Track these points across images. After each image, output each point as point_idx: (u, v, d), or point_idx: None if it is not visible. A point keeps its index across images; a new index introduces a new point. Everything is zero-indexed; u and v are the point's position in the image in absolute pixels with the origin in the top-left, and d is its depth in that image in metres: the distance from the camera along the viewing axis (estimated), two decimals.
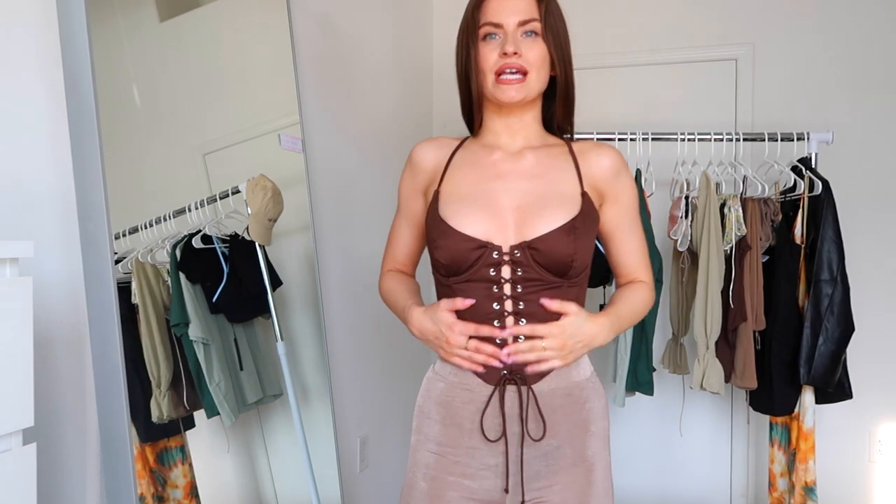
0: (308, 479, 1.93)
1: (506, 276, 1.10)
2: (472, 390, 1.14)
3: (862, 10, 2.64)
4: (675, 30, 2.85)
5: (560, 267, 1.10)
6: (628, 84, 2.92)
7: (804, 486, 2.24)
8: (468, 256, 1.11)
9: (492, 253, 1.10)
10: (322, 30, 2.23)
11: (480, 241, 1.11)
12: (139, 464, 1.45)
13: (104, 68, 1.34)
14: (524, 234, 1.11)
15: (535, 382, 1.13)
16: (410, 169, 1.26)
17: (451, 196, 1.16)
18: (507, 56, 1.11)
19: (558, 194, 1.14)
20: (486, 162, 1.19)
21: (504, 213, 1.12)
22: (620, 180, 1.20)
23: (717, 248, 2.21)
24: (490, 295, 1.11)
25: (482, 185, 1.16)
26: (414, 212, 1.27)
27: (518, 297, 1.11)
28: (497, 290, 1.11)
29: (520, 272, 1.10)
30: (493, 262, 1.10)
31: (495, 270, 1.10)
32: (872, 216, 2.61)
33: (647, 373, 2.30)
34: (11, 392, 0.98)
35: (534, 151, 1.19)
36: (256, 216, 1.80)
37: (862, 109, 2.63)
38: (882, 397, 2.61)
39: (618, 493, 2.98)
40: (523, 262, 1.10)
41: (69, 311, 1.34)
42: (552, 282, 1.11)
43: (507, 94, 1.13)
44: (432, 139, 1.27)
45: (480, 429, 1.12)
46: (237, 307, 1.80)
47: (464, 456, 1.15)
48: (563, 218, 1.11)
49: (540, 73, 1.15)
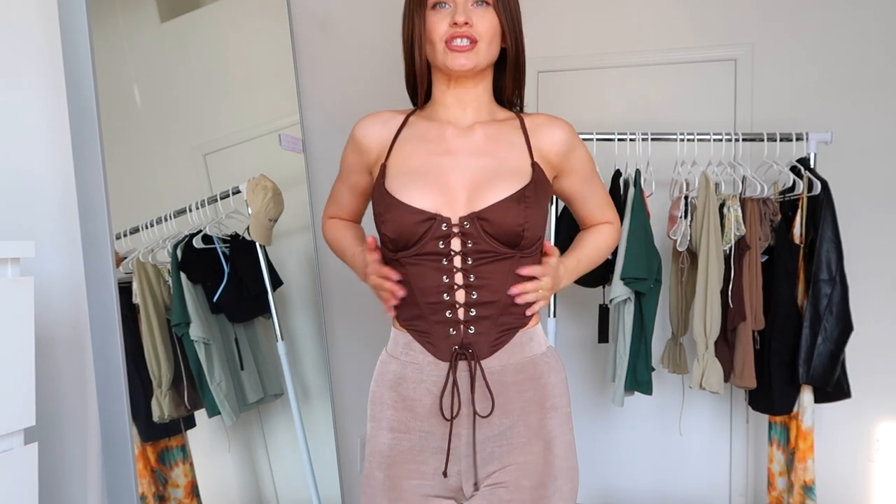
0: (308, 478, 1.93)
1: (456, 248, 1.08)
2: (422, 369, 1.11)
3: (861, 11, 2.64)
4: (675, 30, 2.85)
5: (511, 237, 1.08)
6: (628, 84, 2.92)
7: (803, 486, 2.25)
8: (416, 229, 1.08)
9: (440, 225, 1.07)
10: (322, 30, 2.23)
11: (429, 213, 1.08)
12: (140, 463, 1.45)
13: (105, 68, 1.35)
14: (473, 206, 1.08)
15: (486, 357, 1.10)
16: (353, 146, 1.23)
17: (399, 170, 1.13)
18: (457, 26, 1.09)
19: (508, 168, 1.12)
20: (436, 137, 1.16)
21: (454, 189, 1.10)
22: (575, 153, 1.20)
23: (717, 248, 2.21)
24: (440, 268, 1.08)
25: (431, 159, 1.13)
26: (356, 183, 1.26)
27: (469, 269, 1.08)
28: (447, 263, 1.08)
29: (470, 244, 1.07)
30: (442, 234, 1.07)
31: (444, 243, 1.08)
32: (871, 216, 2.61)
33: (646, 372, 2.31)
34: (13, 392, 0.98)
35: (484, 127, 1.16)
36: (257, 216, 1.80)
37: (861, 109, 2.63)
38: (881, 397, 2.62)
39: (617, 492, 2.99)
40: (473, 234, 1.07)
41: (70, 311, 1.34)
42: (504, 253, 1.09)
43: (458, 62, 1.10)
44: (376, 114, 1.23)
45: (440, 406, 1.09)
46: (238, 307, 1.81)
47: (417, 440, 1.11)
48: (514, 188, 1.09)
49: (490, 45, 1.12)
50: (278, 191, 1.87)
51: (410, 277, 1.10)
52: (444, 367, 1.10)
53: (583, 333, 2.97)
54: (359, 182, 1.25)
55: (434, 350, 1.11)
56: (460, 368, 1.09)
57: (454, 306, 1.09)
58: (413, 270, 1.10)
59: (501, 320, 1.11)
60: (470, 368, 1.09)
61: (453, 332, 1.10)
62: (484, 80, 1.17)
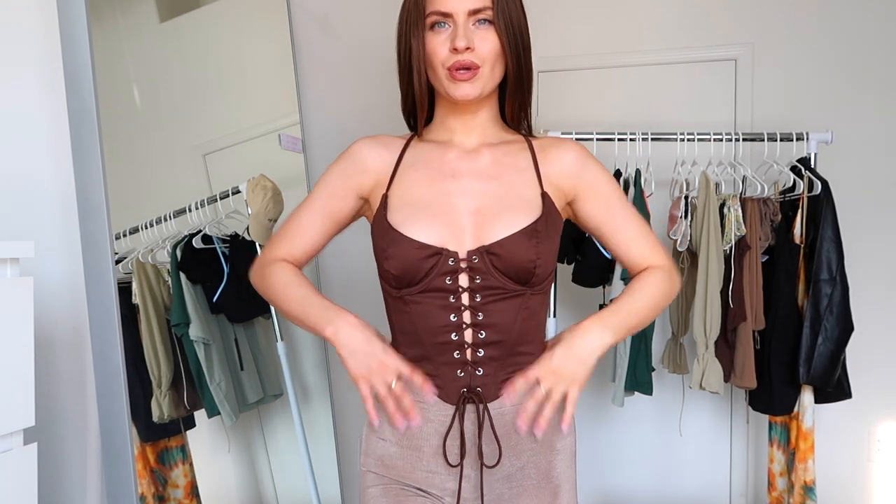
0: (308, 479, 1.93)
1: (463, 284, 1.01)
2: (429, 409, 1.04)
3: (862, 10, 2.64)
4: (675, 30, 2.85)
5: (522, 273, 1.01)
6: (628, 84, 2.92)
7: (803, 486, 2.25)
8: (421, 266, 1.00)
9: (447, 260, 1.00)
10: (322, 30, 2.23)
11: (435, 247, 1.01)
12: (140, 463, 1.45)
13: (104, 68, 1.34)
14: (482, 239, 1.01)
15: (494, 400, 1.03)
16: (350, 165, 1.12)
17: (402, 200, 1.06)
18: (457, 52, 1.01)
19: (518, 196, 1.05)
20: (440, 161, 1.09)
21: (460, 217, 1.03)
22: (589, 172, 1.11)
23: (717, 248, 2.21)
24: (447, 306, 1.01)
25: (435, 186, 1.06)
26: (336, 209, 1.12)
27: (477, 307, 1.01)
28: (454, 301, 1.01)
29: (478, 280, 1.01)
30: (449, 269, 1.01)
31: (452, 279, 1.01)
32: (872, 216, 2.61)
33: (646, 372, 2.31)
34: (12, 392, 0.98)
35: (491, 149, 1.10)
36: (257, 216, 1.80)
37: (861, 109, 2.63)
38: (881, 397, 2.61)
39: (617, 492, 2.99)
40: (482, 269, 1.01)
41: (70, 311, 1.34)
42: (514, 290, 1.02)
43: (462, 91, 1.03)
44: (376, 137, 1.15)
45: (443, 452, 1.02)
46: (237, 307, 1.80)
47: (423, 482, 1.05)
48: (524, 221, 1.02)
49: (495, 67, 1.05)
50: (278, 191, 1.87)
51: (415, 316, 1.03)
52: (450, 409, 1.03)
53: None
54: (341, 209, 1.12)
55: (441, 392, 1.03)
56: (468, 411, 1.03)
57: (462, 346, 1.02)
58: (418, 309, 1.02)
59: (510, 361, 1.03)
60: (478, 412, 1.02)
61: (461, 374, 1.02)
62: (489, 102, 1.11)
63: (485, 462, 1.02)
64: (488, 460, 1.03)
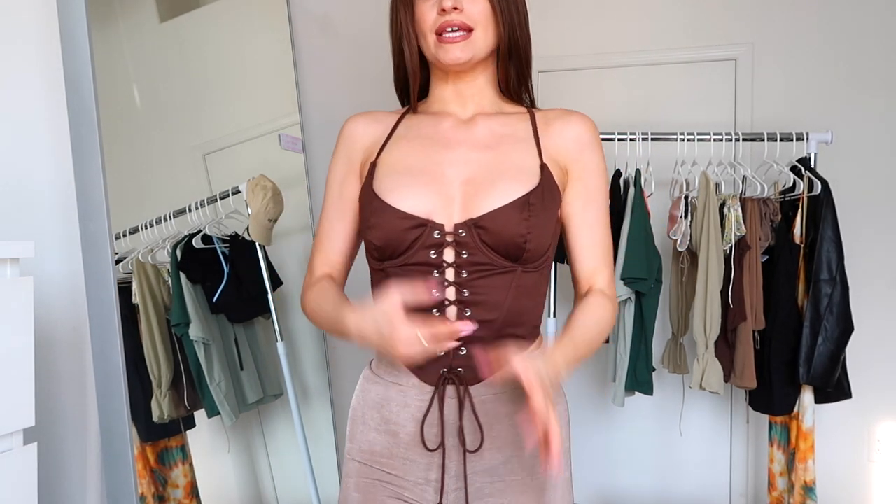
0: (308, 479, 1.93)
1: (448, 259, 0.94)
2: (406, 393, 0.98)
3: (862, 10, 2.64)
4: (675, 30, 2.85)
5: (511, 249, 0.94)
6: (628, 84, 2.92)
7: (803, 486, 2.25)
8: (405, 237, 0.94)
9: (433, 232, 0.94)
10: (322, 30, 2.23)
11: (420, 218, 0.94)
12: (140, 463, 1.45)
13: (104, 68, 1.34)
14: (471, 211, 0.95)
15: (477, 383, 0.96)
16: (347, 147, 1.08)
17: (390, 168, 1.00)
18: (445, 13, 0.96)
19: (513, 166, 0.98)
20: (433, 130, 1.03)
21: (450, 187, 0.96)
22: (588, 158, 1.03)
23: (717, 248, 2.21)
24: (432, 282, 0.94)
25: (427, 155, 1.00)
26: (349, 198, 1.07)
27: (463, 283, 0.94)
28: (438, 276, 0.94)
29: (465, 255, 0.94)
30: (434, 243, 0.94)
31: (436, 253, 0.94)
32: (872, 216, 2.61)
33: (646, 372, 2.31)
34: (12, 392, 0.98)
35: (487, 119, 1.04)
36: (256, 216, 1.80)
37: (861, 109, 2.63)
38: (881, 397, 2.61)
39: (617, 492, 2.98)
40: (469, 244, 0.94)
41: (70, 311, 1.34)
42: (503, 266, 0.95)
43: (452, 55, 0.98)
44: (368, 112, 1.11)
45: (421, 436, 0.96)
46: (237, 307, 1.80)
47: (400, 469, 0.98)
48: (517, 192, 0.95)
49: (487, 30, 0.99)
50: (278, 191, 1.87)
51: None
52: (429, 391, 0.97)
53: None
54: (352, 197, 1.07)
55: (420, 372, 0.97)
56: (448, 394, 0.96)
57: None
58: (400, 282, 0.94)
59: (500, 343, 0.94)
60: (459, 395, 0.95)
61: (442, 354, 0.95)
62: (485, 70, 1.05)
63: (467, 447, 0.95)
64: (470, 446, 0.95)
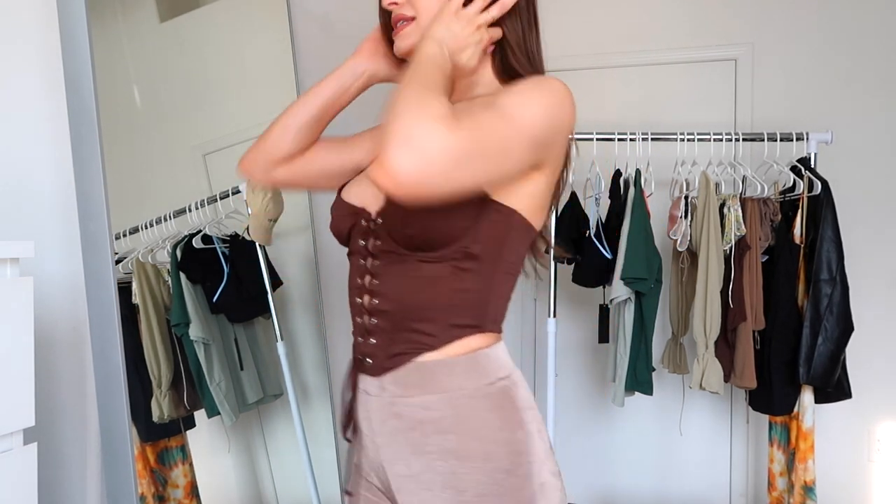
0: (308, 479, 1.93)
1: (369, 246, 0.92)
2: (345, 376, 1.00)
3: (862, 10, 2.64)
4: (675, 30, 2.85)
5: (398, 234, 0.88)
6: (628, 84, 2.92)
7: (803, 486, 2.25)
8: (343, 224, 0.96)
9: (361, 220, 0.93)
10: (322, 30, 2.23)
11: (355, 206, 0.94)
12: (140, 463, 1.45)
13: (104, 68, 1.34)
14: None
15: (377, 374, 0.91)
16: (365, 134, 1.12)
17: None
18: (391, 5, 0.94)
19: None
20: None
21: None
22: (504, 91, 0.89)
23: (717, 248, 2.21)
24: (359, 268, 0.93)
25: None
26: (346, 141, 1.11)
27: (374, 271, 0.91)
28: (362, 263, 0.93)
29: (378, 242, 0.91)
30: (363, 230, 0.93)
31: (364, 240, 0.93)
32: (872, 216, 2.61)
33: (646, 373, 2.31)
34: (12, 392, 0.98)
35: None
36: (256, 216, 1.80)
37: (861, 109, 2.63)
38: (881, 397, 2.61)
39: (617, 492, 2.98)
40: (379, 230, 0.91)
41: (70, 311, 1.34)
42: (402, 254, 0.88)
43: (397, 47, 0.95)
44: None
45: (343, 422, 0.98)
46: (237, 307, 1.80)
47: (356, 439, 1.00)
48: None
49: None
50: (278, 191, 1.87)
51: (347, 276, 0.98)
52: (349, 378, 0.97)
53: (583, 334, 2.97)
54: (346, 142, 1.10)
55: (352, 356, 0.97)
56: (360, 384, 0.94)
57: (361, 310, 0.93)
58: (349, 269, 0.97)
59: (400, 336, 0.89)
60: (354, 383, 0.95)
61: (360, 340, 0.94)
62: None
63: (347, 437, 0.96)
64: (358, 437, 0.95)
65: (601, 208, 2.39)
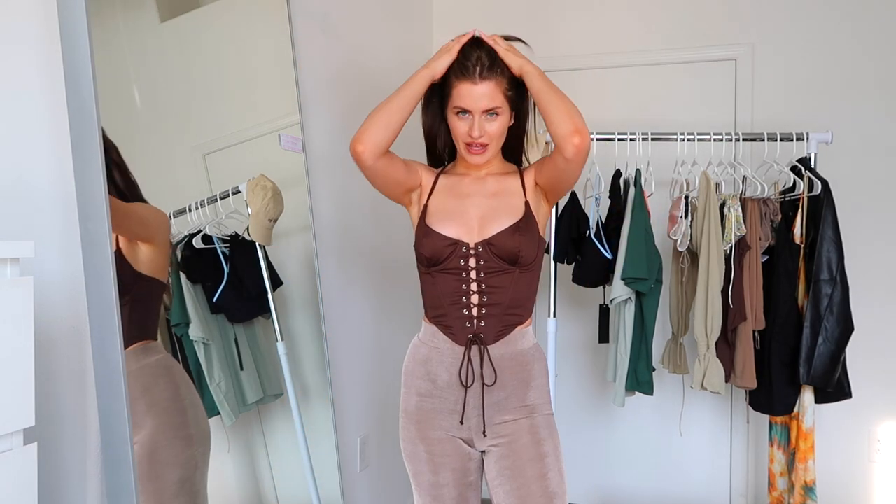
0: (308, 479, 1.93)
1: (472, 265, 1.48)
2: (443, 353, 1.51)
3: (861, 11, 2.64)
4: (675, 30, 2.85)
5: (511, 257, 1.47)
6: (628, 84, 2.92)
7: (804, 486, 2.25)
8: (444, 251, 1.48)
9: (461, 248, 1.48)
10: (322, 30, 2.23)
11: (453, 239, 1.48)
12: None
13: (104, 68, 1.34)
14: (484, 235, 1.48)
15: (491, 344, 1.49)
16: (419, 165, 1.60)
17: (435, 209, 1.53)
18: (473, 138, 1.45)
19: (508, 206, 1.51)
20: (460, 186, 1.56)
21: (471, 221, 1.50)
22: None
23: (717, 248, 2.21)
24: (460, 279, 1.48)
25: (456, 200, 1.53)
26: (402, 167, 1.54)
27: (481, 280, 1.48)
28: (465, 276, 1.48)
29: (482, 262, 1.48)
30: (462, 254, 1.48)
31: (464, 261, 1.48)
32: (872, 216, 2.61)
33: (646, 373, 2.31)
34: (12, 392, 0.98)
35: (494, 177, 1.56)
36: (256, 216, 1.80)
37: (861, 109, 2.63)
38: (881, 397, 2.62)
39: (617, 492, 2.99)
40: (484, 255, 1.47)
41: (70, 311, 1.34)
42: (506, 269, 1.48)
43: (475, 160, 1.51)
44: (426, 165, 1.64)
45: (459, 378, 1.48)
46: (237, 307, 1.80)
47: (438, 402, 1.51)
48: (511, 221, 1.48)
49: (499, 141, 1.49)
50: (278, 191, 1.87)
51: (439, 286, 1.50)
52: (460, 350, 1.49)
53: (583, 334, 2.97)
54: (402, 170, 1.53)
55: (454, 338, 1.50)
56: (473, 352, 1.48)
57: (469, 306, 1.48)
58: (440, 279, 1.49)
59: (505, 318, 1.49)
60: (480, 352, 1.48)
61: (468, 325, 1.49)
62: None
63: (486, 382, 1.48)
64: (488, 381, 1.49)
65: (601, 208, 2.39)
